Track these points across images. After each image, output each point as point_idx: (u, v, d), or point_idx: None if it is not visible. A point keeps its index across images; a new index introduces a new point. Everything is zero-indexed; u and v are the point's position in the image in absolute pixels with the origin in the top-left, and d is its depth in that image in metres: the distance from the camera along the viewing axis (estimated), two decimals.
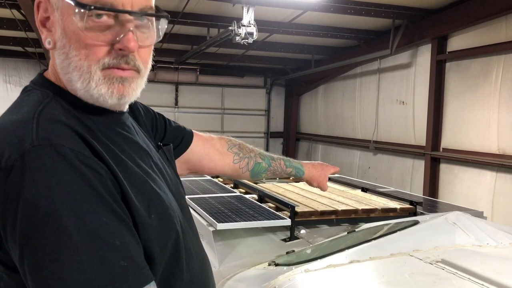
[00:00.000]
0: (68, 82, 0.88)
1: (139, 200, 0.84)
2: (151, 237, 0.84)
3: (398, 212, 3.27)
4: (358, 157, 8.93)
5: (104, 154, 0.81)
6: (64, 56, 0.85)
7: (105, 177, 0.79)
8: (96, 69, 0.84)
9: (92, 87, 0.84)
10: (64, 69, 0.86)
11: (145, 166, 0.92)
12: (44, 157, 0.74)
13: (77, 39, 0.83)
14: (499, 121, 5.70)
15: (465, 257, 2.00)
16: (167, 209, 0.90)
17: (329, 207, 3.27)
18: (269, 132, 11.74)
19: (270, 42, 8.18)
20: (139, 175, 0.87)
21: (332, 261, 2.10)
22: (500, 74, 5.71)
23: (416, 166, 7.23)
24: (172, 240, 0.90)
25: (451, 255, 2.02)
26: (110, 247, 0.74)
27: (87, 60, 0.84)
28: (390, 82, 7.85)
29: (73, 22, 0.83)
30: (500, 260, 2.02)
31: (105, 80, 0.85)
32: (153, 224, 0.85)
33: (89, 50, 0.83)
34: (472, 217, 2.51)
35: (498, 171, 5.77)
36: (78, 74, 0.84)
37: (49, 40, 0.87)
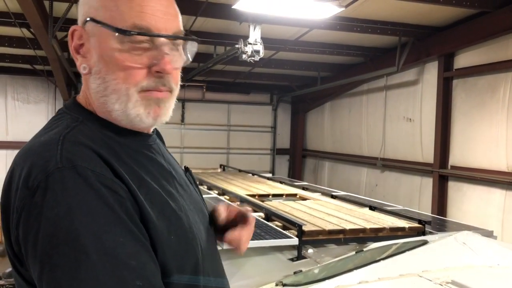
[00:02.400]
0: (103, 104, 0.90)
1: (160, 220, 0.85)
2: (170, 257, 0.85)
3: (407, 231, 3.23)
4: (365, 174, 8.88)
5: (125, 175, 0.83)
6: (100, 80, 0.88)
7: (125, 198, 0.81)
8: (134, 92, 0.87)
9: (130, 108, 0.88)
10: (99, 92, 0.89)
11: (169, 187, 0.93)
12: (66, 178, 0.77)
13: (115, 63, 0.86)
14: (508, 139, 5.66)
15: (476, 278, 1.96)
16: (187, 232, 0.91)
17: (337, 226, 3.24)
18: (275, 149, 11.72)
19: (276, 60, 8.23)
20: (160, 196, 0.88)
21: (341, 282, 2.07)
22: (507, 91, 5.69)
23: (424, 184, 7.17)
24: (191, 263, 0.91)
25: (461, 276, 1.98)
26: (126, 267, 0.76)
27: (125, 83, 0.87)
28: (397, 99, 7.84)
29: (111, 47, 0.86)
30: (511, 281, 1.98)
31: (143, 102, 0.88)
32: (172, 245, 0.86)
33: (127, 74, 0.86)
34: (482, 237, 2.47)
35: (507, 189, 5.70)
36: (115, 97, 0.88)
37: (85, 66, 0.90)
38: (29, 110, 9.64)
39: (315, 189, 5.57)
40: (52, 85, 9.72)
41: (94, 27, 0.88)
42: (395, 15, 5.93)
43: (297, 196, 4.97)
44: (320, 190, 5.51)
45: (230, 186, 5.36)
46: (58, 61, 6.95)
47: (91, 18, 0.89)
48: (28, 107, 9.71)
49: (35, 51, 7.18)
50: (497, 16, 5.45)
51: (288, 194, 5.03)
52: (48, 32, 5.28)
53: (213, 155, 11.00)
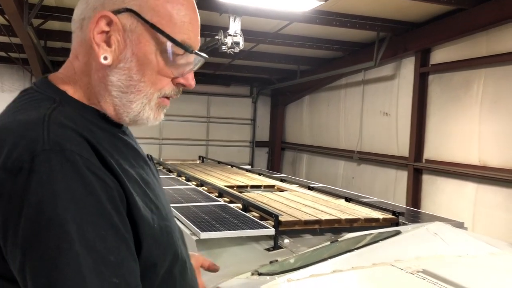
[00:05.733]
0: (110, 97, 0.88)
1: (144, 209, 0.83)
2: (155, 248, 0.84)
3: (381, 222, 3.31)
4: (342, 167, 8.99)
5: (113, 163, 0.81)
6: (125, 76, 0.86)
7: (112, 187, 0.78)
8: (156, 97, 0.89)
9: (146, 110, 0.89)
10: (117, 87, 0.87)
11: (146, 175, 0.92)
12: (53, 161, 0.74)
13: (149, 67, 0.86)
14: (480, 133, 5.81)
15: (446, 267, 2.03)
16: (165, 221, 0.90)
17: (313, 217, 3.29)
18: (254, 141, 11.75)
19: (257, 52, 8.23)
20: (139, 185, 0.87)
21: (315, 271, 2.11)
22: (481, 87, 5.83)
23: (399, 177, 7.31)
24: (171, 251, 0.90)
25: (432, 265, 2.04)
26: (104, 261, 0.74)
27: (152, 87, 0.88)
28: (374, 93, 7.95)
29: (151, 50, 0.86)
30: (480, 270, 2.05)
31: (156, 107, 0.90)
32: (157, 235, 0.85)
33: (157, 79, 0.88)
34: (453, 228, 2.54)
35: (479, 183, 5.86)
36: (137, 97, 0.87)
37: (106, 56, 0.86)
38: (4, 99, 9.41)
39: (293, 181, 5.63)
40: (28, 74, 9.51)
41: (136, 23, 0.85)
42: (374, 10, 6.00)
43: (275, 187, 5.01)
44: (298, 182, 5.57)
45: (208, 177, 5.36)
46: (33, 49, 6.80)
47: (135, 12, 0.85)
48: (3, 95, 9.48)
49: (10, 38, 7.00)
50: (473, 13, 5.57)
51: (266, 186, 5.07)
52: (23, 19, 5.16)
53: (192, 146, 10.96)
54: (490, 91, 5.71)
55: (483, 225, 5.67)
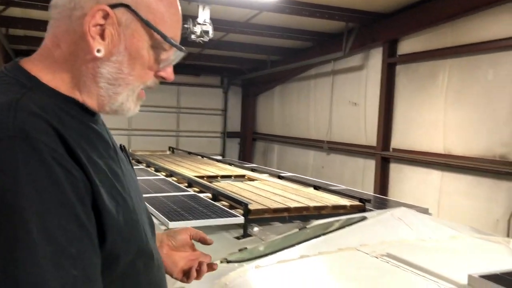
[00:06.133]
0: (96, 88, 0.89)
1: (108, 199, 0.83)
2: (119, 240, 0.83)
3: (348, 209, 3.37)
4: (312, 157, 9.09)
5: (80, 154, 0.79)
6: (115, 69, 0.88)
7: (78, 179, 0.77)
8: (138, 89, 0.93)
9: (129, 102, 0.92)
10: (105, 79, 0.88)
11: (115, 166, 0.91)
12: (17, 149, 0.72)
13: (140, 61, 0.89)
14: (445, 122, 5.97)
15: (409, 251, 2.09)
16: (131, 213, 0.90)
17: (282, 205, 3.32)
18: (225, 132, 11.73)
19: (227, 42, 8.19)
20: (106, 175, 0.86)
21: (283, 257, 2.14)
22: (446, 77, 5.99)
23: (368, 166, 7.45)
24: (136, 244, 0.90)
25: (396, 249, 2.10)
26: (65, 253, 0.72)
27: (139, 80, 0.91)
28: (343, 83, 8.05)
29: (142, 46, 0.89)
30: (441, 253, 2.13)
31: (136, 99, 0.94)
32: (121, 227, 0.84)
33: (144, 73, 0.91)
34: (417, 213, 2.62)
35: (444, 170, 6.04)
36: (124, 89, 0.90)
37: (100, 49, 0.87)
38: None
39: (264, 170, 5.65)
40: None
41: (131, 19, 0.87)
42: (342, 0, 6.05)
43: (245, 177, 5.02)
44: (269, 171, 5.60)
45: (178, 168, 5.33)
46: None
47: (132, 9, 0.87)
48: None
49: None
50: (439, 5, 5.70)
51: (237, 175, 5.07)
52: None
53: (162, 137, 10.85)
54: (455, 81, 5.87)
55: (448, 211, 5.86)
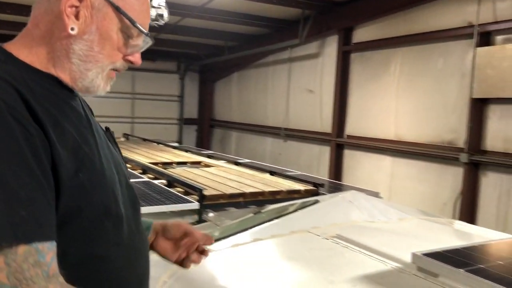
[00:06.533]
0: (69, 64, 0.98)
1: (69, 159, 0.89)
2: (77, 197, 0.89)
3: (302, 193, 3.43)
4: (270, 144, 9.15)
5: (41, 115, 0.86)
6: (87, 47, 0.97)
7: (34, 135, 0.83)
8: (107, 68, 1.01)
9: (99, 79, 1.00)
10: (77, 55, 0.97)
11: (87, 134, 0.98)
12: None
13: (109, 41, 0.99)
14: (397, 110, 6.16)
15: (358, 232, 2.15)
16: (99, 175, 0.96)
17: (237, 190, 3.33)
18: (182, 119, 11.59)
19: (183, 26, 8.04)
20: (74, 140, 0.93)
21: (236, 241, 2.15)
22: (398, 66, 6.15)
23: (323, 152, 7.58)
24: (101, 204, 0.95)
25: (345, 230, 2.15)
26: (14, 195, 0.77)
27: (108, 59, 1.00)
28: (300, 71, 8.11)
29: (112, 28, 0.98)
30: (389, 234, 2.20)
31: (106, 78, 1.02)
32: (80, 183, 0.90)
33: (113, 53, 1.00)
34: (367, 196, 2.69)
35: (395, 156, 6.24)
36: (93, 66, 0.99)
37: (73, 27, 0.96)
38: None
39: (220, 157, 5.64)
40: None
41: (104, 3, 0.97)
42: None
43: (201, 163, 5.00)
44: (225, 158, 5.59)
45: (132, 154, 5.22)
46: None
47: None
48: None
49: None
50: None
51: (193, 162, 5.04)
52: None
53: (116, 124, 10.55)
54: (407, 70, 6.05)
55: (398, 195, 6.07)
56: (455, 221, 2.64)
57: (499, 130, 5.05)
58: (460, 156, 5.23)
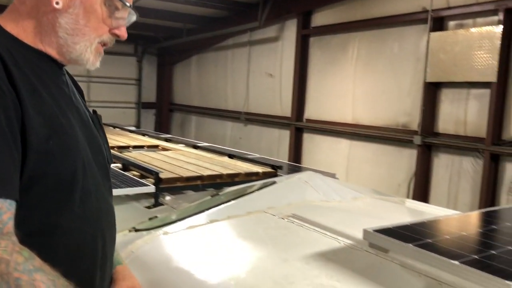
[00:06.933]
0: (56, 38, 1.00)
1: (41, 125, 0.91)
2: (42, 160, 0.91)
3: (261, 175, 3.43)
4: (230, 128, 9.12)
5: (18, 80, 0.89)
6: (72, 20, 1.00)
7: (6, 95, 0.86)
8: (95, 42, 1.04)
9: (87, 52, 1.03)
10: (63, 29, 1.00)
11: (65, 107, 1.01)
12: None
13: (94, 14, 1.02)
14: (354, 93, 6.26)
15: (313, 211, 2.18)
16: (70, 145, 0.98)
17: (195, 173, 3.29)
18: (140, 103, 11.34)
19: (141, 7, 7.81)
20: (51, 109, 0.95)
21: (192, 222, 2.13)
22: (355, 50, 6.24)
23: (283, 136, 7.63)
24: (69, 171, 0.96)
25: (301, 210, 2.17)
26: None
27: (94, 32, 1.03)
28: (260, 55, 8.08)
29: (96, 1, 1.01)
30: (343, 212, 2.24)
31: (95, 51, 1.05)
32: (49, 150, 0.92)
33: (99, 26, 1.03)
34: (323, 176, 2.73)
35: (352, 139, 6.37)
36: (81, 39, 1.02)
37: (58, 1, 0.99)
38: None
39: (179, 140, 5.56)
40: None
41: None
42: None
43: (159, 147, 4.91)
44: (184, 141, 5.52)
45: None
46: None
47: None
48: None
49: None
50: None
51: (150, 146, 4.95)
52: None
53: None
54: (363, 54, 6.14)
55: (355, 177, 6.20)
56: (407, 199, 2.72)
57: (450, 113, 5.24)
58: (414, 138, 5.39)
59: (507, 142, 4.74)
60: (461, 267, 1.36)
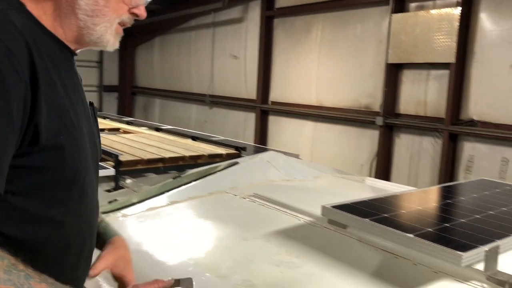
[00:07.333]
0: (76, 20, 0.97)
1: (53, 119, 0.89)
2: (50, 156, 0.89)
3: (224, 157, 3.40)
4: (195, 111, 9.01)
5: (39, 70, 0.86)
6: (92, 1, 0.97)
7: (22, 80, 0.83)
8: (115, 22, 1.01)
9: (108, 34, 1.00)
10: (83, 10, 0.97)
11: (76, 101, 0.98)
12: None
13: None
14: (318, 75, 6.29)
15: (274, 190, 2.18)
16: (78, 142, 0.96)
17: (156, 155, 3.23)
18: (102, 86, 11.04)
19: None
20: (63, 101, 0.93)
21: (152, 204, 2.09)
22: (319, 32, 6.24)
23: (248, 119, 7.61)
24: (73, 168, 0.95)
25: (262, 189, 2.17)
26: None
27: (114, 13, 1.00)
28: (224, 36, 7.98)
29: None
30: (304, 191, 2.25)
31: (115, 33, 1.02)
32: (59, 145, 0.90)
33: (118, 6, 1.00)
34: (285, 156, 2.73)
35: (316, 121, 6.42)
36: (101, 20, 0.98)
37: None
38: None
39: (141, 123, 5.45)
40: None
41: None
42: None
43: (120, 130, 4.80)
44: (146, 124, 5.42)
45: None
46: None
47: None
48: None
49: None
50: None
51: (111, 129, 4.82)
52: None
53: None
54: (327, 36, 6.15)
55: (320, 159, 6.27)
56: (367, 178, 2.77)
57: (411, 94, 5.34)
58: (376, 119, 5.48)
59: (465, 122, 4.89)
60: (415, 240, 1.39)
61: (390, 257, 1.52)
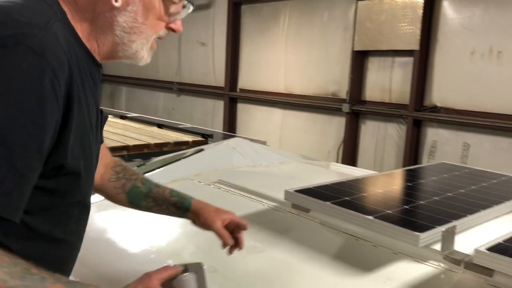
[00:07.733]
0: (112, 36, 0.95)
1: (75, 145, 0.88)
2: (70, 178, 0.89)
3: (190, 144, 3.38)
4: (162, 99, 8.89)
5: (74, 91, 0.85)
6: (131, 18, 0.94)
7: (59, 107, 0.81)
8: (152, 39, 0.99)
9: (144, 50, 0.99)
10: (121, 27, 0.94)
11: (92, 117, 0.97)
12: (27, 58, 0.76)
13: (152, 11, 0.96)
14: (286, 63, 6.29)
15: (240, 176, 2.17)
16: (91, 165, 0.98)
17: (120, 143, 3.19)
18: None
19: None
20: (85, 124, 0.92)
21: None
22: (287, 19, 6.23)
23: (217, 106, 7.56)
24: (83, 193, 0.95)
25: (227, 175, 2.16)
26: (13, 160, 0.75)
27: (152, 30, 0.98)
28: (191, 22, 7.86)
29: None
30: (269, 176, 2.26)
31: (150, 48, 1.01)
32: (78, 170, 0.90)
33: (156, 23, 0.98)
34: (251, 142, 2.73)
35: (285, 109, 6.43)
36: (138, 37, 0.96)
37: None
38: None
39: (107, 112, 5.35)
40: None
41: None
42: None
43: None
44: (112, 112, 5.31)
45: None
46: None
47: None
48: None
49: None
50: None
51: None
52: None
53: None
54: (294, 23, 6.15)
55: (288, 146, 6.31)
56: (332, 163, 2.80)
57: (376, 81, 5.42)
58: (342, 106, 5.54)
59: (428, 108, 5.00)
60: (375, 222, 1.42)
61: (351, 239, 1.54)
